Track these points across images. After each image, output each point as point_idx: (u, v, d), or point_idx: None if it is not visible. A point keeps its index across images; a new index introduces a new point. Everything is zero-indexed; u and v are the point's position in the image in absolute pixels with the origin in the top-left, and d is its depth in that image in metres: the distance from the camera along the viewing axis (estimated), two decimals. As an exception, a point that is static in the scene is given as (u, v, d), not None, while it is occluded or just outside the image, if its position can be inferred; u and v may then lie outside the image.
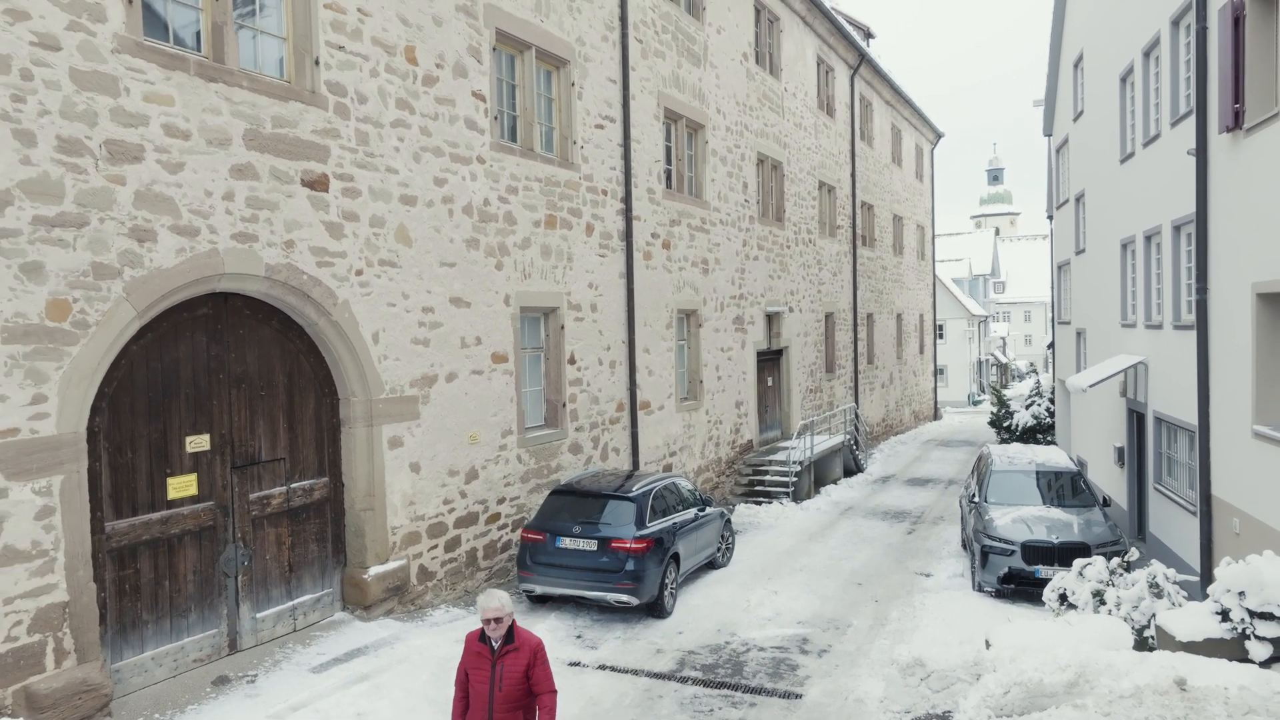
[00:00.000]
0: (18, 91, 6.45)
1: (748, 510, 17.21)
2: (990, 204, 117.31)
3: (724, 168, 18.17)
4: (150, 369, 7.65)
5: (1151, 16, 13.20)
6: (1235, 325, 9.98)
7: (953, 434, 33.84)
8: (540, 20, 12.31)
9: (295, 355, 9.10)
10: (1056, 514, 12.14)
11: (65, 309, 6.75)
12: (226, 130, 7.96)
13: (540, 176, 12.34)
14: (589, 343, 13.51)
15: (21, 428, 6.49)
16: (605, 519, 10.28)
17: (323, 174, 8.94)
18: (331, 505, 9.47)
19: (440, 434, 10.51)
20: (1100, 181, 17.12)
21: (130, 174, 7.18)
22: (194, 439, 8.04)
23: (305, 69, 8.84)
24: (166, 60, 7.45)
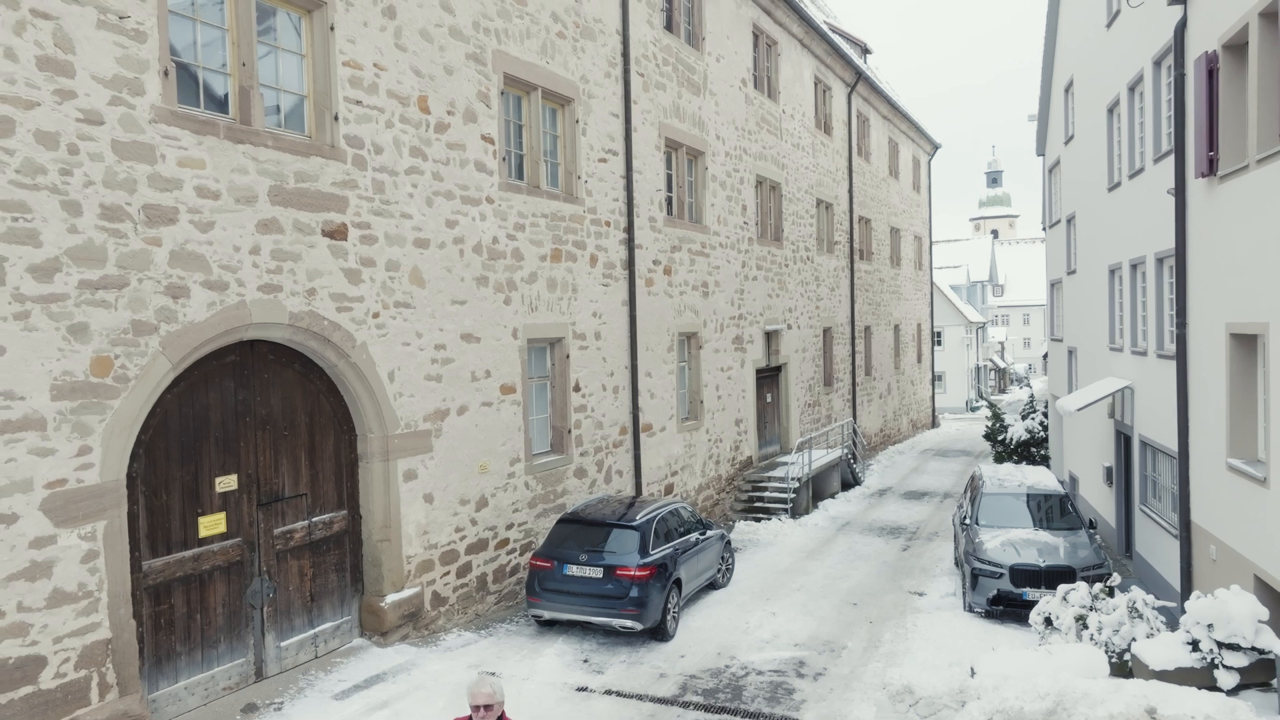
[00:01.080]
0: (65, 165, 6.92)
1: (747, 527, 17.68)
2: (989, 206, 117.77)
3: (723, 192, 18.65)
4: (183, 415, 8.13)
5: (1135, 55, 13.67)
6: (1212, 360, 10.44)
7: (950, 443, 34.32)
8: (546, 62, 12.79)
9: (316, 395, 9.58)
10: (1044, 537, 12.60)
11: (108, 365, 7.22)
12: (253, 188, 8.44)
13: (546, 212, 12.82)
14: (593, 370, 13.98)
15: (69, 478, 6.97)
16: (610, 547, 10.75)
17: (342, 223, 9.42)
18: (350, 537, 9.95)
19: (452, 465, 10.99)
20: (1089, 207, 17.59)
21: (166, 235, 7.66)
22: (223, 479, 8.52)
23: (325, 124, 9.32)
24: (198, 126, 7.93)
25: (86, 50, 7.05)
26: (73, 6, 6.96)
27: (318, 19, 9.26)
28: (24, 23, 6.65)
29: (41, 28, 6.76)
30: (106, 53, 7.19)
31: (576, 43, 13.50)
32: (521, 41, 12.26)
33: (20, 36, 6.63)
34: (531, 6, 12.47)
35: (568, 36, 13.27)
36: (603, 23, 14.20)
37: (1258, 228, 8.98)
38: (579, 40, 13.56)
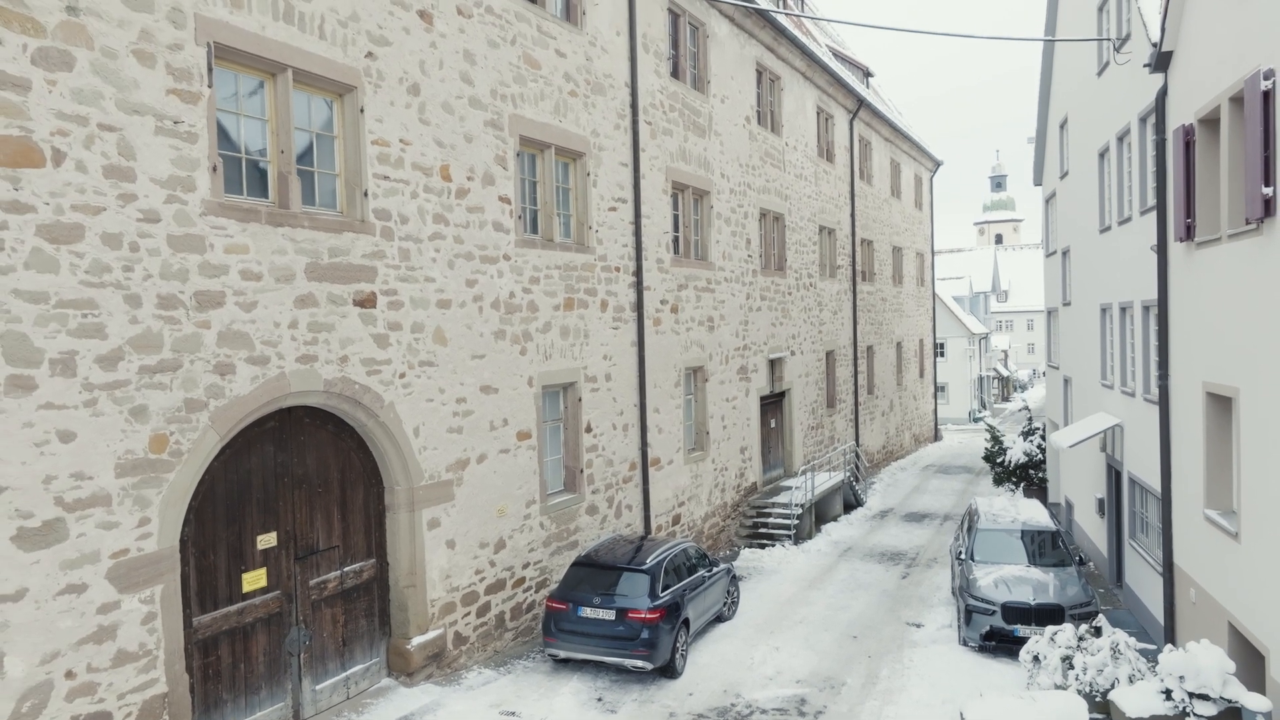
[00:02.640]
0: (127, 262, 7.58)
1: (752, 554, 18.30)
2: (993, 211, 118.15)
3: (728, 228, 19.28)
4: (228, 480, 8.79)
5: (1123, 108, 14.26)
6: (1190, 413, 11.03)
7: (952, 458, 34.89)
8: (559, 121, 13.42)
9: (347, 452, 10.23)
10: (1035, 574, 13.19)
11: (164, 442, 7.88)
12: (291, 267, 9.09)
13: (560, 264, 13.46)
14: (604, 410, 14.62)
15: (130, 548, 7.62)
16: (621, 590, 11.38)
17: (371, 292, 10.07)
18: (378, 583, 10.60)
19: (472, 511, 11.63)
20: (1083, 244, 18.17)
21: (214, 318, 8.32)
22: (263, 537, 9.17)
23: (356, 200, 9.96)
24: (242, 214, 8.58)
25: (145, 155, 7.71)
26: (134, 117, 7.61)
27: (349, 102, 9.91)
28: (92, 136, 7.31)
29: (107, 139, 7.41)
30: (163, 155, 7.85)
31: (587, 99, 14.14)
32: (536, 103, 12.90)
33: (89, 149, 7.28)
34: (545, 69, 13.11)
35: (579, 94, 13.91)
36: (612, 77, 14.84)
37: (1229, 297, 9.57)
38: (590, 96, 14.20)
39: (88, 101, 7.27)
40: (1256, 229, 8.63)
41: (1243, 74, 8.91)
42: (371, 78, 10.07)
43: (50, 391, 7.03)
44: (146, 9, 7.71)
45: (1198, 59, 10.46)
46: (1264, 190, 8.26)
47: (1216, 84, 9.75)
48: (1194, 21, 10.59)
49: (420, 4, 10.76)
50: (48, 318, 7.02)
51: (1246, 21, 8.90)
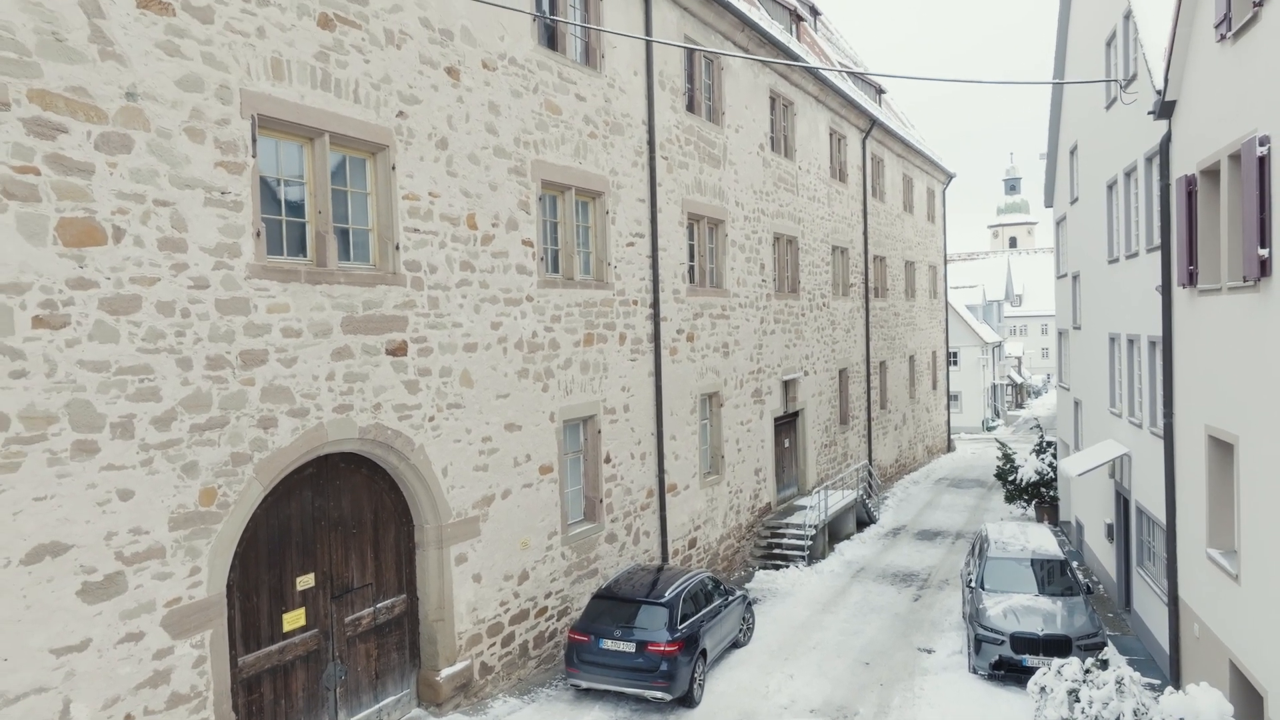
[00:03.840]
0: (179, 328, 8.06)
1: (766, 576, 18.68)
2: (1007, 214, 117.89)
3: (742, 255, 19.67)
4: (269, 526, 9.27)
5: (1130, 145, 14.57)
6: (1194, 454, 11.35)
7: (965, 470, 35.15)
8: (579, 163, 13.86)
9: (379, 493, 10.70)
10: (1044, 604, 13.52)
11: (213, 495, 8.36)
12: (328, 322, 9.56)
13: (580, 301, 13.90)
14: (622, 441, 15.04)
15: (183, 596, 8.10)
16: (641, 622, 11.81)
17: (402, 341, 10.54)
18: (409, 618, 11.06)
19: (497, 545, 12.08)
20: (1092, 272, 18.46)
21: (258, 375, 8.79)
22: (302, 578, 9.65)
23: (388, 254, 10.43)
24: (283, 275, 9.06)
25: (196, 226, 8.19)
26: (185, 191, 8.10)
27: (381, 160, 10.38)
28: (149, 212, 7.79)
29: (161, 214, 7.90)
30: (211, 225, 8.33)
31: (606, 139, 14.57)
32: (557, 148, 13.34)
33: (145, 224, 7.77)
34: (566, 113, 13.55)
35: (598, 135, 14.34)
36: (630, 116, 15.27)
37: (1230, 346, 9.90)
38: (608, 137, 14.63)
39: (144, 180, 7.76)
40: (1254, 286, 8.96)
41: (1240, 135, 9.25)
42: (402, 135, 10.54)
43: (111, 454, 7.52)
44: (197, 88, 8.19)
45: (1199, 112, 10.79)
46: (1260, 251, 8.60)
47: (1216, 140, 10.08)
48: (1196, 74, 10.91)
49: (448, 61, 11.23)
50: (109, 384, 7.51)
51: (1244, 84, 9.23)
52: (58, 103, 7.13)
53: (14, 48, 6.84)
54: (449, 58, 11.24)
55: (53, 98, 7.09)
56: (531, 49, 12.74)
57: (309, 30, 9.29)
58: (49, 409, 7.09)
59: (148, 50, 7.78)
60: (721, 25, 18.30)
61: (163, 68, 7.91)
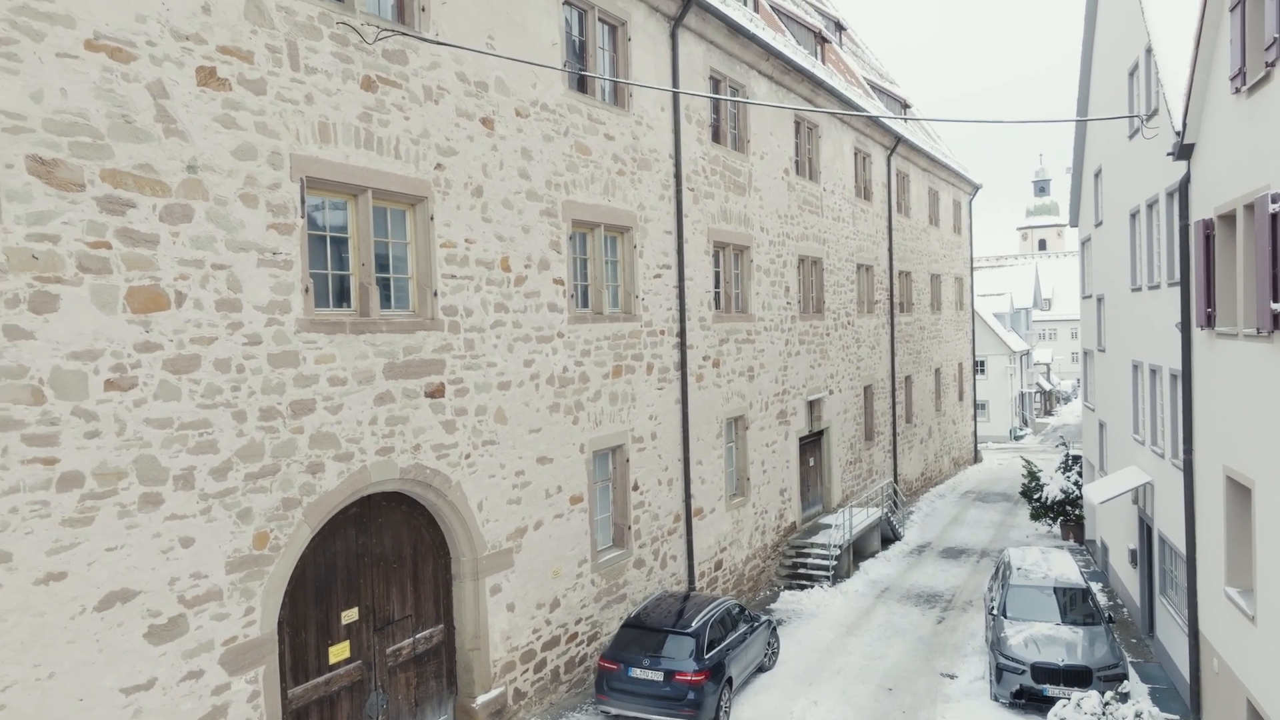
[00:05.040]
0: (235, 382, 8.58)
1: (791, 597, 19.00)
2: (1037, 215, 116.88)
3: (767, 279, 20.00)
4: (316, 565, 9.77)
5: (1152, 178, 14.72)
6: (1213, 492, 11.54)
7: (991, 483, 35.17)
8: (608, 200, 14.29)
9: (418, 529, 11.19)
10: (1065, 633, 13.73)
11: (265, 539, 8.87)
12: (371, 369, 10.06)
13: (609, 334, 14.32)
14: (649, 468, 15.45)
15: (239, 635, 8.62)
16: (668, 652, 12.21)
17: (440, 383, 11.01)
18: (446, 647, 11.54)
19: (530, 575, 12.53)
20: (1116, 297, 18.58)
21: (306, 423, 9.30)
22: (346, 612, 10.15)
23: (427, 300, 10.91)
24: (330, 327, 9.56)
25: (250, 286, 8.71)
26: (240, 254, 8.61)
27: (420, 210, 10.86)
28: (207, 276, 8.32)
29: (219, 276, 8.42)
30: (264, 284, 8.85)
31: (634, 175, 14.98)
32: (586, 187, 13.78)
33: (204, 288, 8.29)
34: (595, 153, 13.98)
35: (626, 172, 14.76)
36: (657, 151, 15.67)
37: (1247, 390, 10.10)
38: (636, 173, 15.04)
39: (203, 246, 8.28)
40: (1268, 337, 9.18)
41: (1255, 187, 9.46)
42: (440, 186, 11.01)
43: (174, 504, 8.05)
44: (251, 156, 8.71)
45: (1217, 157, 10.99)
46: (1272, 305, 8.81)
47: (1233, 188, 10.28)
48: (1213, 121, 11.11)
49: (483, 111, 11.69)
50: (172, 440, 8.03)
51: (1259, 137, 9.45)
52: (127, 180, 7.66)
53: (89, 132, 7.38)
54: (484, 108, 11.70)
55: (122, 176, 7.62)
56: (562, 94, 13.18)
57: (353, 93, 9.79)
58: (119, 465, 7.63)
59: (206, 125, 8.31)
60: (746, 56, 18.64)
61: (220, 140, 8.43)
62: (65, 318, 7.24)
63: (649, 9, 15.31)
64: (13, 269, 6.90)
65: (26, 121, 6.97)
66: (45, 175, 7.09)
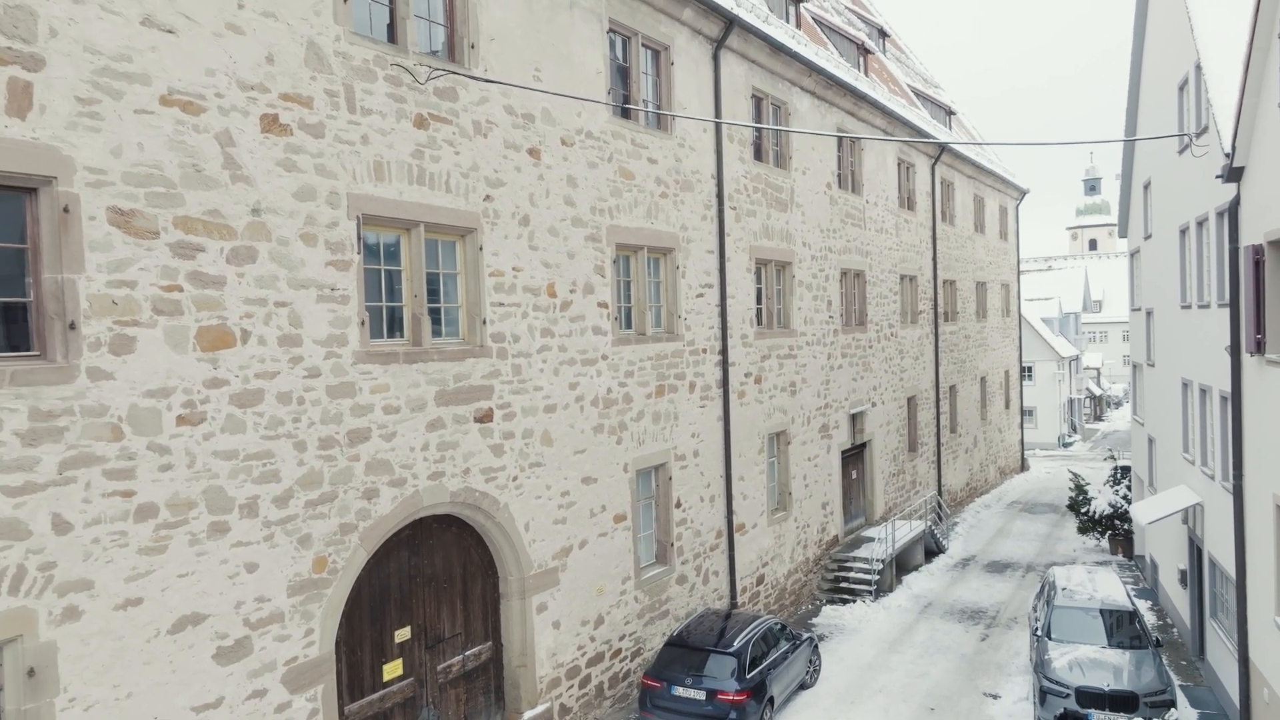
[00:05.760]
0: (296, 414, 8.99)
1: (833, 611, 19.06)
2: (1087, 215, 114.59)
3: (809, 294, 20.07)
4: (371, 586, 10.16)
5: (1202, 196, 14.53)
6: (1263, 517, 11.40)
7: (1039, 493, 34.69)
8: (651, 223, 14.53)
9: (467, 549, 11.54)
10: (1111, 656, 13.63)
11: (324, 563, 9.27)
12: (423, 397, 10.42)
13: (652, 355, 14.55)
14: (692, 486, 15.65)
15: (299, 655, 9.03)
16: (710, 671, 12.41)
17: (489, 408, 11.35)
18: (494, 664, 11.88)
19: (575, 593, 12.82)
20: (1165, 312, 18.31)
21: (362, 451, 9.68)
22: (399, 631, 10.53)
23: (476, 328, 11.25)
24: (384, 358, 9.94)
25: (309, 321, 9.11)
26: (300, 291, 9.02)
27: (470, 241, 11.20)
28: (270, 314, 8.73)
29: (281, 314, 8.83)
30: (322, 319, 9.24)
31: (677, 198, 15.20)
32: (630, 211, 14.03)
33: (267, 325, 8.70)
34: (639, 178, 14.22)
35: (669, 195, 14.98)
36: (699, 173, 15.86)
37: (1297, 421, 10.00)
38: (679, 195, 15.26)
39: (266, 285, 8.69)
40: (1317, 370, 9.09)
41: (1305, 217, 9.37)
42: (489, 217, 11.35)
43: (240, 532, 8.47)
44: (310, 197, 9.11)
45: (1267, 181, 10.87)
46: (1322, 339, 8.73)
47: None
48: (1264, 144, 10.99)
49: (530, 142, 12.01)
50: (237, 470, 8.46)
51: (1309, 167, 9.35)
52: (197, 226, 8.09)
53: (163, 182, 7.81)
54: (530, 139, 12.02)
55: (193, 222, 8.06)
56: (606, 120, 13.45)
57: (406, 131, 10.16)
58: (190, 496, 8.06)
59: (269, 169, 8.72)
60: (789, 73, 18.75)
61: (282, 182, 8.84)
62: (141, 358, 7.68)
63: (691, 32, 15.52)
64: (95, 314, 7.35)
65: (107, 175, 7.41)
66: (124, 225, 7.54)
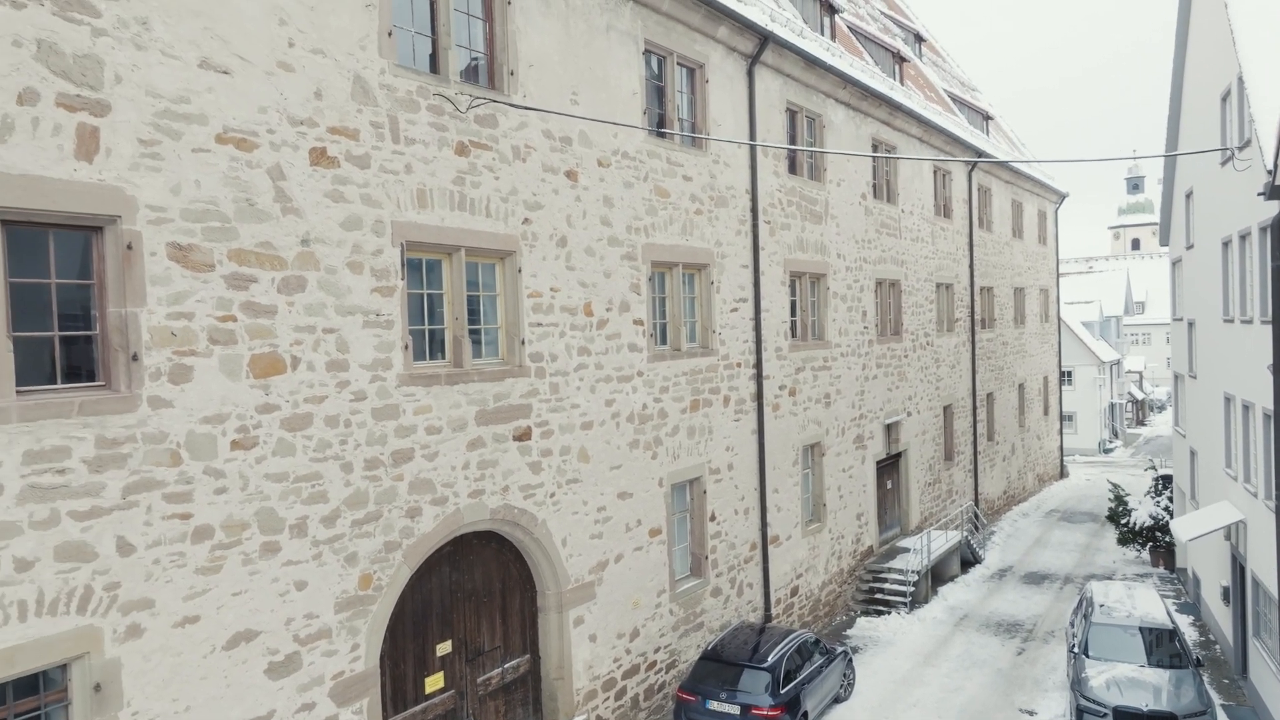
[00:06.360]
0: (343, 436, 9.29)
1: (867, 623, 19.07)
2: (1129, 214, 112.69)
3: (844, 305, 20.09)
4: (414, 602, 10.45)
5: (1245, 210, 14.35)
6: (1306, 542, 11.27)
7: (1078, 501, 34.28)
8: (686, 240, 14.69)
9: (506, 564, 11.80)
10: (1150, 675, 13.53)
11: (369, 580, 9.57)
12: (464, 417, 10.69)
13: (686, 370, 14.72)
14: (726, 499, 15.79)
15: (346, 670, 9.34)
16: (744, 686, 12.56)
17: (527, 427, 11.60)
18: (532, 676, 12.13)
19: (610, 607, 13.03)
20: (1207, 324, 18.06)
21: (406, 471, 9.98)
22: (441, 645, 10.82)
23: (515, 348, 11.51)
24: (427, 380, 10.22)
25: (356, 347, 9.41)
26: (347, 318, 9.32)
27: (508, 264, 11.46)
28: (319, 340, 9.04)
29: (329, 340, 9.14)
30: (368, 344, 9.54)
31: (711, 214, 15.34)
32: (665, 229, 14.20)
33: (316, 351, 9.02)
34: (674, 195, 14.39)
35: (704, 211, 15.13)
36: (734, 188, 15.99)
37: (1340, 445, 9.89)
38: (714, 210, 15.40)
39: (315, 313, 9.01)
40: (1360, 395, 8.99)
41: (1348, 241, 9.27)
42: (527, 240, 11.59)
43: (290, 551, 8.79)
44: (357, 227, 9.41)
45: (1310, 202, 10.74)
46: (1365, 366, 8.65)
47: (1326, 236, 10.06)
48: (1307, 164, 10.86)
49: (567, 165, 12.24)
50: (288, 492, 8.78)
51: (1352, 190, 9.25)
52: (250, 258, 8.42)
53: (218, 217, 8.15)
54: (568, 162, 12.24)
55: (246, 254, 8.39)
56: (642, 140, 13.64)
57: (448, 159, 10.43)
58: (243, 517, 8.39)
59: (318, 200, 9.03)
60: (823, 85, 18.80)
61: (330, 213, 9.15)
62: (198, 386, 8.02)
63: (726, 49, 15.65)
64: (155, 345, 7.70)
65: (167, 212, 7.76)
66: (182, 259, 7.88)
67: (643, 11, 13.56)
